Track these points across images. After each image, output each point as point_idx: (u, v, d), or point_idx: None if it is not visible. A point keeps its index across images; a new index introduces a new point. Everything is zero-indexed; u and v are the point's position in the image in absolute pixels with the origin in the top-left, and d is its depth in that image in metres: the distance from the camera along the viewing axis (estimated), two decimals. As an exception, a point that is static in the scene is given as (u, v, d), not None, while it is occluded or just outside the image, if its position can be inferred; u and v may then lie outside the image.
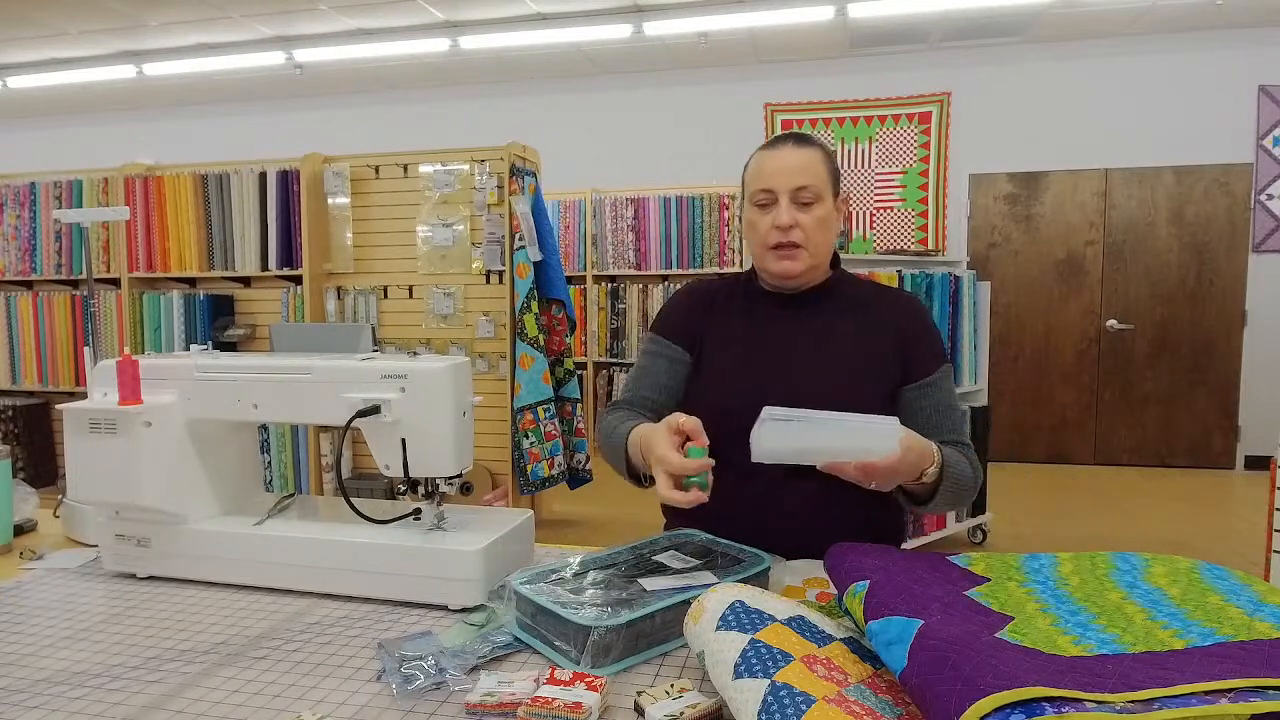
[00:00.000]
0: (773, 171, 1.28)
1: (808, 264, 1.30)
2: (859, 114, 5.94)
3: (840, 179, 1.36)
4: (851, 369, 1.30)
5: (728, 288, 1.43)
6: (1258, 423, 5.44)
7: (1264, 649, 0.66)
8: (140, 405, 1.15)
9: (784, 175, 1.27)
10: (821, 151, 1.31)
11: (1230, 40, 5.37)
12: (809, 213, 1.28)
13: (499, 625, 0.99)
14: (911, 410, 1.30)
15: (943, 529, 3.66)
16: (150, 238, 4.20)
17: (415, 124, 6.67)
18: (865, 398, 1.28)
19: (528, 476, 3.77)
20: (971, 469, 1.25)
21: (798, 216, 1.27)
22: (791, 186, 1.26)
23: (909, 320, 1.34)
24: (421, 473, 1.13)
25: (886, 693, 0.71)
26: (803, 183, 1.26)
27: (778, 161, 1.28)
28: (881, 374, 1.30)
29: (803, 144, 1.30)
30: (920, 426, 1.28)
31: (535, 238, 3.78)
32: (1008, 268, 5.78)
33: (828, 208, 1.29)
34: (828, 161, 1.31)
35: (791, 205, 1.27)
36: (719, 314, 1.39)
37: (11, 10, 4.94)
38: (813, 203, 1.27)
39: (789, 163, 1.28)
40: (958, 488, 1.20)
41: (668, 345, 1.40)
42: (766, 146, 1.33)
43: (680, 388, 1.39)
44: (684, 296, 1.44)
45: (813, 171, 1.27)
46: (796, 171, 1.27)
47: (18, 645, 0.97)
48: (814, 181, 1.27)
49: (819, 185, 1.27)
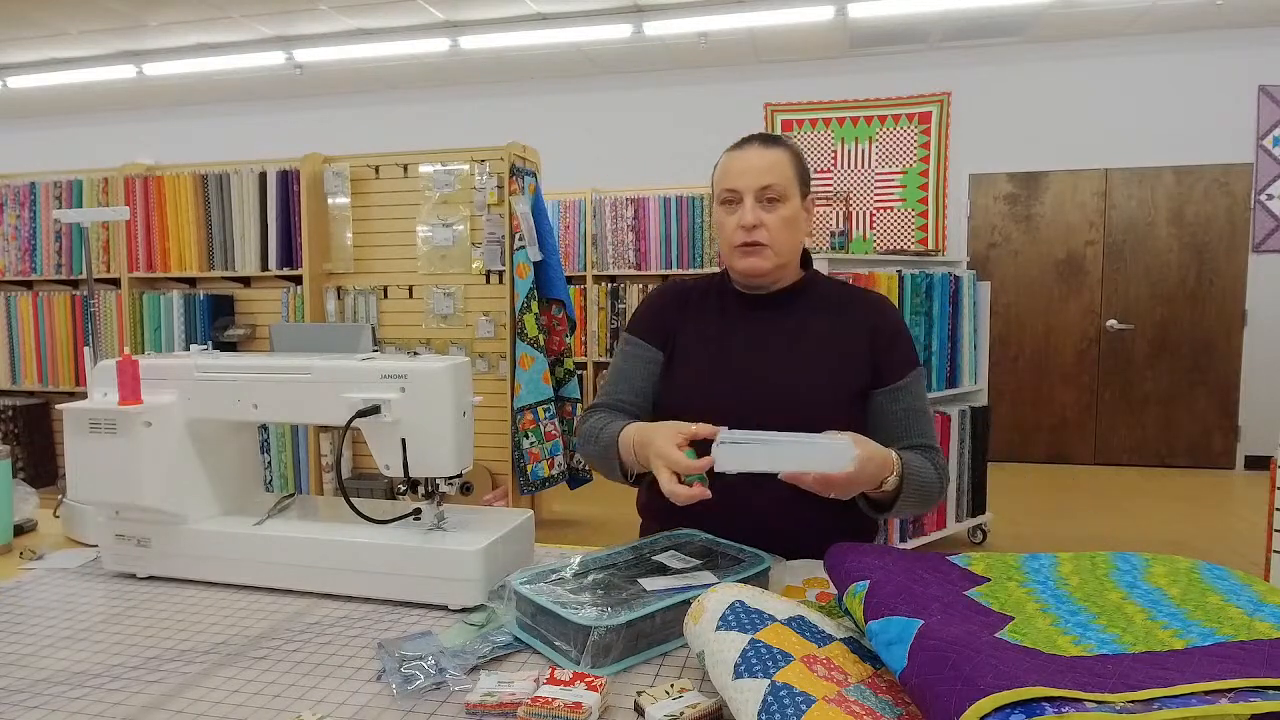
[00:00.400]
0: (738, 171, 1.29)
1: (774, 262, 1.30)
2: (859, 114, 5.94)
3: (810, 179, 1.36)
4: (823, 369, 1.30)
5: (702, 287, 1.43)
6: (1258, 423, 5.44)
7: (1264, 649, 0.66)
8: (140, 405, 1.15)
9: (749, 175, 1.28)
10: (789, 152, 1.32)
11: (1230, 40, 5.37)
12: (774, 212, 1.28)
13: (499, 625, 0.99)
14: (881, 414, 1.31)
15: (943, 529, 3.66)
16: (150, 238, 4.20)
17: (415, 124, 6.66)
18: (837, 397, 1.28)
19: (528, 476, 3.77)
20: (936, 473, 1.25)
21: (762, 216, 1.27)
22: (756, 186, 1.27)
23: (881, 322, 1.34)
24: (421, 473, 1.13)
25: (886, 693, 0.71)
26: (767, 182, 1.27)
27: (743, 162, 1.29)
28: (853, 374, 1.31)
29: (770, 144, 1.31)
30: (889, 430, 1.30)
31: (535, 238, 3.78)
32: (1008, 268, 5.78)
33: (794, 207, 1.30)
34: (795, 162, 1.32)
35: (756, 205, 1.27)
36: (693, 313, 1.40)
37: (11, 10, 4.94)
38: (778, 201, 1.28)
39: (754, 163, 1.28)
40: (920, 494, 1.21)
41: (642, 346, 1.40)
42: (734, 147, 1.33)
43: (655, 389, 1.39)
44: (658, 296, 1.45)
45: (778, 171, 1.28)
46: (762, 171, 1.27)
47: (18, 645, 0.97)
48: (779, 181, 1.27)
49: (784, 185, 1.28)
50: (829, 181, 6.01)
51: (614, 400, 1.39)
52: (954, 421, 3.63)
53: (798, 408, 1.26)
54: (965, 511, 3.76)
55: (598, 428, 1.32)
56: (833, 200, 5.96)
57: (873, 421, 1.31)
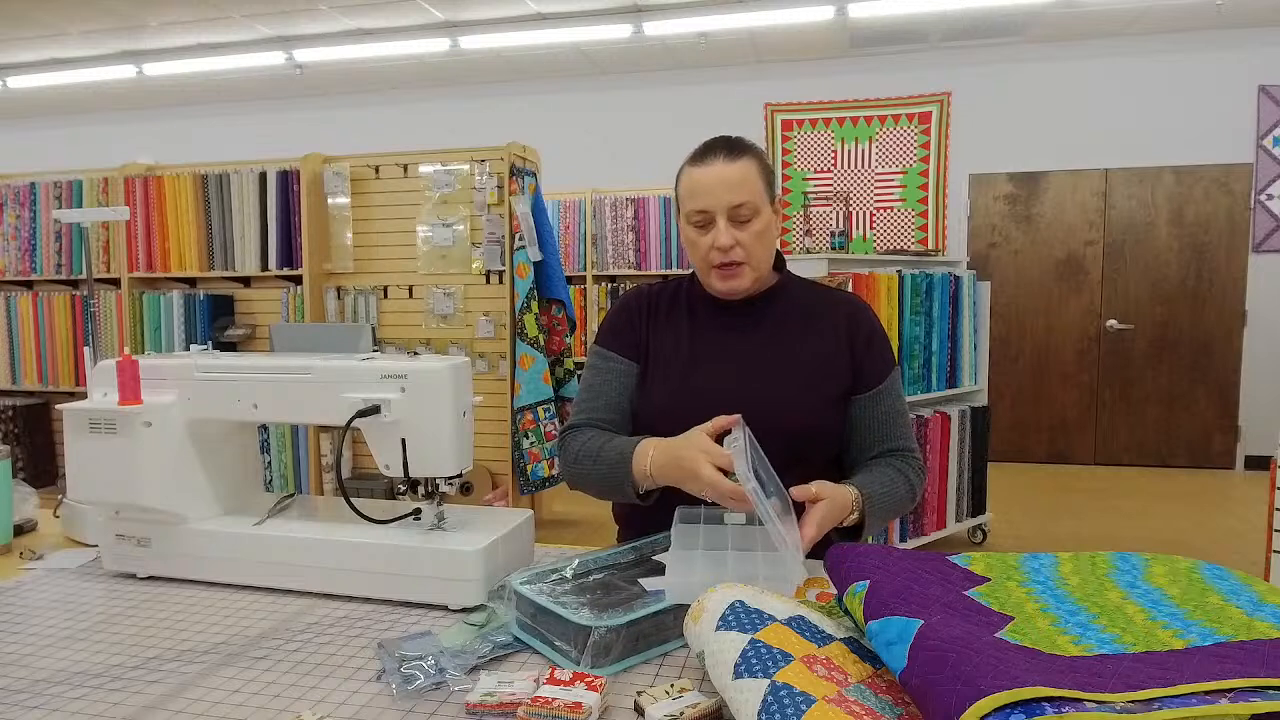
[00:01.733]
0: (706, 190, 1.22)
1: (751, 278, 1.27)
2: (859, 114, 5.94)
3: (775, 181, 1.31)
4: (800, 374, 1.28)
5: (670, 292, 1.39)
6: (1258, 423, 5.44)
7: (1264, 649, 0.66)
8: (140, 405, 1.15)
9: (719, 193, 1.21)
10: (755, 159, 1.25)
11: (1230, 40, 5.37)
12: (747, 230, 1.23)
13: (499, 625, 0.99)
14: (860, 419, 1.30)
15: (943, 529, 3.66)
16: (150, 238, 4.20)
17: (415, 124, 6.67)
18: (814, 403, 1.27)
19: (528, 476, 3.77)
20: (908, 485, 1.26)
21: (737, 235, 1.22)
22: (728, 206, 1.21)
23: (858, 324, 1.32)
24: (421, 473, 1.13)
25: (886, 693, 0.71)
26: (739, 200, 1.21)
27: (711, 177, 1.22)
28: (830, 378, 1.29)
29: (735, 154, 1.24)
30: (868, 435, 1.30)
31: (535, 238, 3.78)
32: (1008, 268, 5.78)
33: (765, 219, 1.25)
34: (762, 170, 1.25)
35: (729, 225, 1.22)
36: (663, 319, 1.36)
37: (11, 10, 4.94)
38: (750, 219, 1.23)
39: (723, 178, 1.21)
40: (889, 512, 1.22)
41: (615, 359, 1.35)
42: (697, 159, 1.25)
43: (632, 402, 1.35)
44: (624, 307, 1.39)
45: (749, 186, 1.22)
46: (733, 187, 1.21)
47: (18, 645, 0.97)
48: (750, 197, 1.22)
49: (755, 199, 1.22)
50: (829, 181, 6.01)
51: (592, 419, 1.32)
52: (954, 421, 3.63)
53: (778, 415, 1.23)
54: (965, 511, 3.76)
55: (595, 446, 1.25)
56: (833, 200, 5.96)
57: (852, 425, 1.30)
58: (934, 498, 3.62)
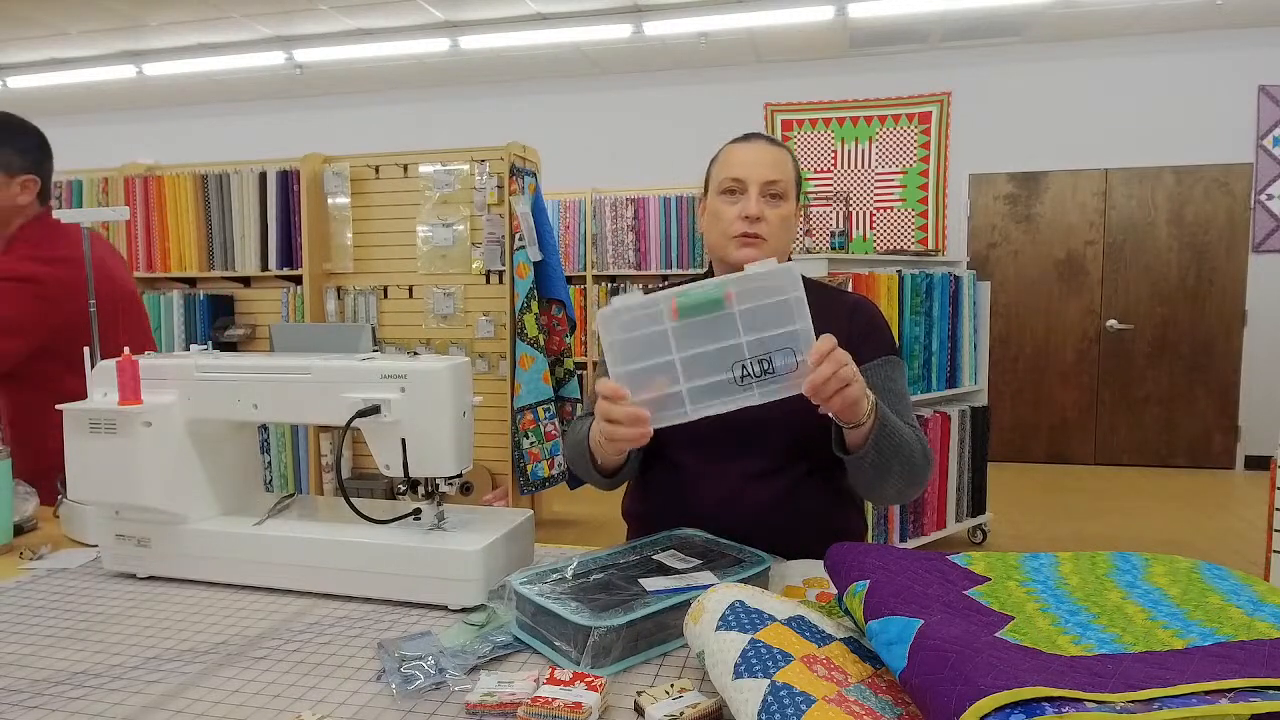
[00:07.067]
0: (745, 162, 1.29)
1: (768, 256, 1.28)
2: (859, 114, 5.94)
3: (802, 185, 1.37)
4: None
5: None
6: (1258, 423, 5.44)
7: (1264, 649, 0.66)
8: (140, 405, 1.15)
9: (757, 167, 1.28)
10: (790, 155, 1.34)
11: (1230, 40, 5.37)
12: (776, 208, 1.28)
13: (499, 625, 0.99)
14: None
15: (943, 529, 3.66)
16: (150, 238, 4.20)
17: (415, 124, 6.67)
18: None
19: (528, 476, 3.77)
20: (916, 437, 1.21)
21: (765, 210, 1.27)
22: (763, 179, 1.27)
23: (859, 314, 1.34)
24: (421, 473, 1.13)
25: (886, 693, 0.71)
26: (774, 176, 1.27)
27: (751, 154, 1.29)
28: None
29: (774, 144, 1.33)
30: None
31: (535, 238, 3.78)
32: (1008, 268, 5.78)
33: (791, 208, 1.31)
34: (795, 165, 1.33)
35: (760, 197, 1.27)
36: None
37: (11, 10, 4.94)
38: (780, 198, 1.28)
39: (762, 156, 1.29)
40: (898, 446, 1.15)
41: None
42: (738, 140, 1.34)
43: None
44: None
45: (783, 169, 1.29)
46: (769, 165, 1.28)
47: (18, 645, 0.97)
48: (784, 178, 1.28)
49: (787, 183, 1.29)
50: (829, 181, 6.01)
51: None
52: (954, 421, 3.63)
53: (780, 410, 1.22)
54: (965, 511, 3.76)
55: (574, 429, 1.33)
56: (833, 200, 5.96)
57: None
58: (934, 497, 3.62)
